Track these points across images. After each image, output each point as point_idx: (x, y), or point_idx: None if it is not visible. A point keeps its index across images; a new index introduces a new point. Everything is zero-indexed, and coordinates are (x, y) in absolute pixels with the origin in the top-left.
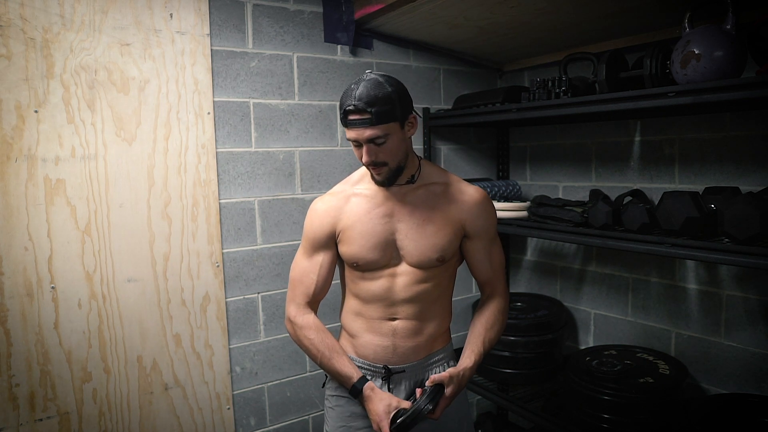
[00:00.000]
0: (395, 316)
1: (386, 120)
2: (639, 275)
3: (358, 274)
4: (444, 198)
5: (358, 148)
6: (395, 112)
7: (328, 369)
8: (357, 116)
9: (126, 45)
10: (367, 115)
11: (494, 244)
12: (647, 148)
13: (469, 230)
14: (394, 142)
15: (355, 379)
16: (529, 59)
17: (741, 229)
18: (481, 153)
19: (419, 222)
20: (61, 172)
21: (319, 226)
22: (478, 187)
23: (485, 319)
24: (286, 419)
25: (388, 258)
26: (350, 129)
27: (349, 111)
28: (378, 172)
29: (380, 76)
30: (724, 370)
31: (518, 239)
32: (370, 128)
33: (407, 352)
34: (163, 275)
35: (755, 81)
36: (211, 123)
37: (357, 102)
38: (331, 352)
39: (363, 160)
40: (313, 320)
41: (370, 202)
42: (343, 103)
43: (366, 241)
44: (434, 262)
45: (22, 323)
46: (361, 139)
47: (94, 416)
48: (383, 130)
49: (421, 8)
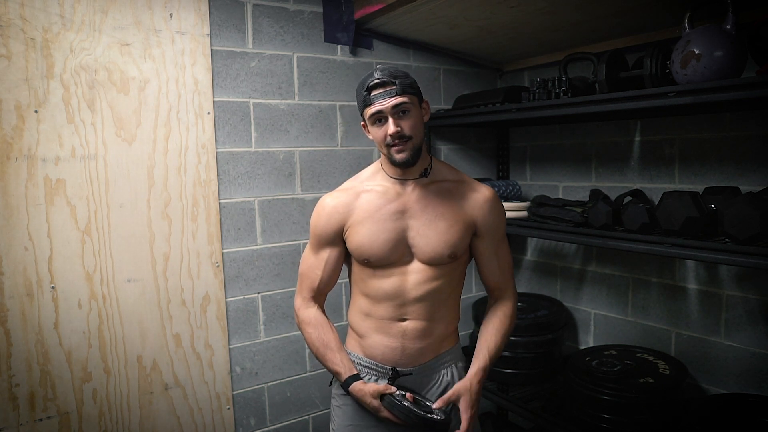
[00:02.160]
0: (405, 316)
1: (409, 92)
2: (639, 275)
3: (369, 271)
4: (455, 195)
5: (379, 127)
6: (415, 87)
7: (323, 365)
8: (381, 89)
9: (126, 45)
10: (392, 86)
11: (502, 243)
12: (647, 148)
13: (480, 228)
14: (416, 117)
15: (344, 377)
16: (529, 59)
17: (741, 229)
18: (481, 153)
19: (431, 218)
20: (61, 172)
21: (327, 223)
22: (488, 186)
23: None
24: (286, 419)
25: (399, 255)
26: (374, 104)
27: (373, 86)
28: (401, 148)
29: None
30: (724, 370)
31: (518, 239)
32: (396, 97)
33: (415, 354)
34: (163, 275)
35: (755, 81)
36: (211, 123)
37: (381, 75)
38: (325, 348)
39: (389, 133)
40: (314, 315)
41: (382, 198)
42: (365, 82)
43: (377, 237)
44: (446, 259)
45: (22, 323)
46: (386, 109)
47: (94, 416)
48: (408, 98)
49: (421, 8)
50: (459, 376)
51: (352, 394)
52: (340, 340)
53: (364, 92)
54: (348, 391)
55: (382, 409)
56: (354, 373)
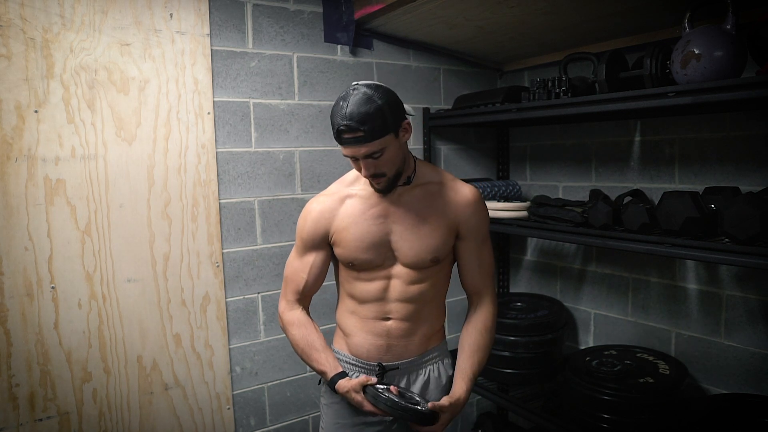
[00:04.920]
0: (389, 315)
1: (380, 135)
2: (639, 275)
3: (354, 274)
4: (439, 198)
5: (355, 162)
6: (387, 124)
7: (308, 365)
8: (350, 135)
9: (126, 45)
10: (360, 134)
11: (484, 245)
12: (647, 148)
13: (462, 230)
14: (391, 153)
15: (329, 376)
16: (529, 59)
17: (741, 229)
18: (481, 153)
19: (414, 223)
20: (61, 172)
21: (312, 228)
22: (472, 186)
23: (473, 341)
24: (286, 419)
25: (382, 258)
26: (345, 147)
27: (341, 130)
28: (377, 182)
29: (368, 88)
30: (724, 370)
31: (518, 239)
32: (365, 145)
33: (401, 351)
34: (163, 275)
35: (755, 81)
36: (211, 123)
37: (348, 122)
38: (310, 348)
39: (362, 174)
40: (298, 316)
41: (365, 203)
42: (334, 122)
43: (361, 242)
44: (428, 263)
45: (22, 323)
46: (358, 155)
47: (94, 416)
48: (378, 145)
49: (421, 8)
50: (446, 372)
51: (338, 392)
52: (325, 341)
53: (335, 131)
54: (334, 390)
55: (365, 403)
56: (339, 371)
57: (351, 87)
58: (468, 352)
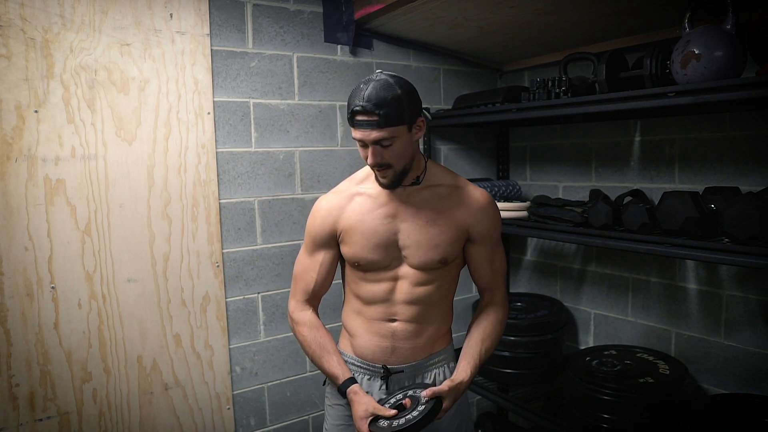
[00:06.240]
0: (395, 317)
1: (394, 123)
2: (639, 275)
3: (360, 274)
4: (450, 200)
5: (363, 149)
6: (403, 115)
7: (318, 367)
8: (364, 117)
9: (126, 45)
10: (375, 117)
11: (497, 249)
12: (647, 148)
13: (473, 234)
14: (401, 146)
15: (341, 380)
16: (529, 59)
17: (741, 229)
18: (481, 153)
19: (422, 224)
20: (61, 172)
21: (321, 225)
22: (485, 191)
23: (482, 329)
24: (286, 419)
25: (389, 259)
26: (357, 129)
27: (356, 111)
28: (383, 174)
29: (391, 77)
30: (724, 370)
31: (518, 239)
32: (377, 130)
33: (406, 353)
34: (163, 275)
35: (755, 81)
36: (211, 123)
37: (365, 103)
38: (321, 350)
39: (368, 162)
40: (308, 317)
41: (374, 201)
42: (351, 103)
43: (367, 241)
44: (436, 264)
45: (22, 323)
46: (367, 140)
47: (94, 416)
48: (390, 132)
49: (421, 8)
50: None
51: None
52: (335, 343)
53: (349, 112)
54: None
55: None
56: (349, 376)
57: (374, 74)
58: (477, 338)
